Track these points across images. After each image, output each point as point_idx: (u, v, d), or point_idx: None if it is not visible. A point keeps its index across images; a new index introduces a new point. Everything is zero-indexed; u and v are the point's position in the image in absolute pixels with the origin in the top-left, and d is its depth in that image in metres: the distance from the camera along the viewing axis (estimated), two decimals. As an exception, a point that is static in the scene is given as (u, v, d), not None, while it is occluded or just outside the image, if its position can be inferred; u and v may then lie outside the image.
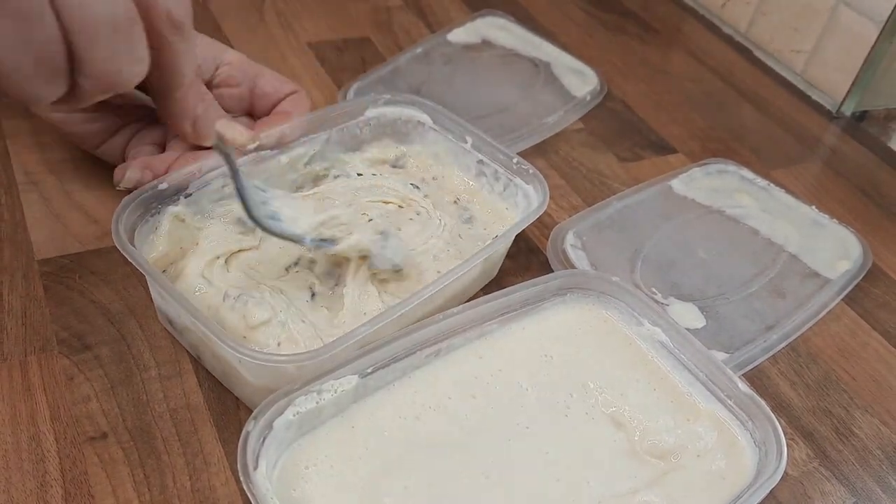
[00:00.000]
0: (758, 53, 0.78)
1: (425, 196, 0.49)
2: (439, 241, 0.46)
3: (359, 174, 0.50)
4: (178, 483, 0.37)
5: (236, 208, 0.44)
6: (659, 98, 0.70)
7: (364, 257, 0.42)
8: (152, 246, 0.42)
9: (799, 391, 0.47)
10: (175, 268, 0.42)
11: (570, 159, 0.61)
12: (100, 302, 0.44)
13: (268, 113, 0.51)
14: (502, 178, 0.49)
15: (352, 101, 0.52)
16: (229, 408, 0.40)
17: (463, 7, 0.77)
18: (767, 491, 0.34)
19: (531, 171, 0.47)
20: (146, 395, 0.40)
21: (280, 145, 0.47)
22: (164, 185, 0.43)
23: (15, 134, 0.53)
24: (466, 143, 0.50)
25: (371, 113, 0.51)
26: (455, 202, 0.50)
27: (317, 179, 0.50)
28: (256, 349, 0.36)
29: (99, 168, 0.51)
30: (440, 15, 0.75)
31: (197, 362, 0.42)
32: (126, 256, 0.38)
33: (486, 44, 0.71)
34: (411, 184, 0.50)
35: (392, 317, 0.37)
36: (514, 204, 0.49)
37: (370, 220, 0.46)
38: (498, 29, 0.73)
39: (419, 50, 0.68)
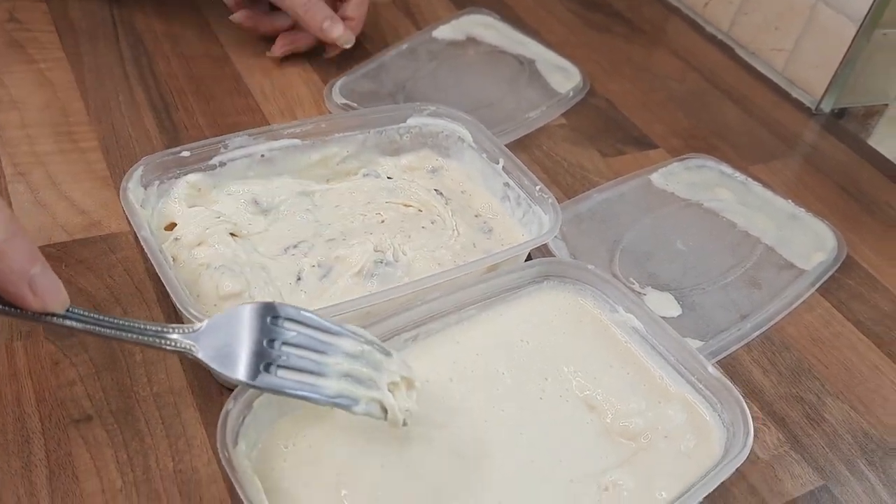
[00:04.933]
0: (740, 52, 0.80)
1: (446, 204, 0.49)
2: (448, 252, 0.46)
3: (388, 177, 0.51)
4: (161, 464, 0.38)
5: (252, 187, 0.46)
6: (642, 96, 0.71)
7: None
8: (161, 208, 0.44)
9: (771, 378, 0.48)
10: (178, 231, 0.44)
11: (552, 154, 0.62)
12: (86, 289, 0.45)
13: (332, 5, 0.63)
14: (523, 203, 0.49)
15: (395, 107, 0.53)
16: (212, 393, 0.41)
17: (450, 5, 0.78)
18: (733, 469, 0.35)
19: (550, 200, 0.47)
20: (130, 380, 0.41)
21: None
22: (186, 153, 0.44)
23: (3, 126, 0.54)
24: (498, 164, 0.50)
25: (413, 121, 0.52)
26: (476, 216, 0.50)
27: (346, 175, 0.51)
28: (196, 310, 0.37)
29: (86, 160, 0.52)
30: (427, 13, 0.76)
31: (181, 348, 0.43)
32: (126, 210, 0.40)
33: (471, 41, 0.72)
34: (435, 189, 0.50)
35: (361, 306, 0.38)
36: (530, 232, 0.48)
37: (382, 221, 0.47)
38: (483, 27, 0.74)
39: (405, 46, 0.69)
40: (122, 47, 0.63)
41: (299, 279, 0.43)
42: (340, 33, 0.62)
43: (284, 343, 0.33)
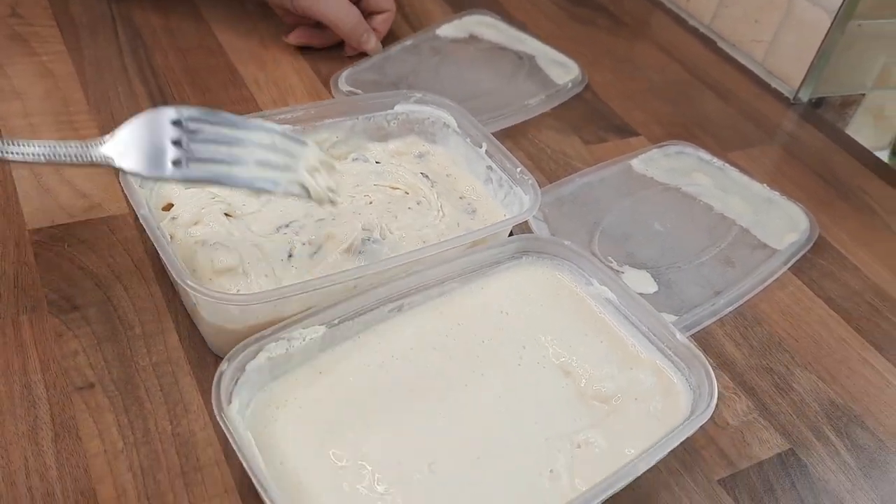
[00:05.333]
0: (721, 45, 0.82)
1: (432, 187, 0.51)
2: (433, 232, 0.48)
3: (377, 162, 0.53)
4: (159, 428, 0.40)
5: None
6: (624, 86, 0.74)
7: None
8: (158, 189, 0.46)
9: (743, 350, 0.50)
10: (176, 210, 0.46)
11: (536, 141, 0.64)
12: (87, 268, 0.47)
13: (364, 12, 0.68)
14: (505, 185, 0.51)
15: (382, 94, 0.55)
16: (209, 363, 0.43)
17: (446, 8, 0.80)
18: (698, 426, 0.37)
19: (530, 181, 0.49)
20: (130, 351, 0.43)
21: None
22: None
23: (6, 116, 0.56)
24: (481, 148, 0.52)
25: (400, 108, 0.54)
26: (461, 198, 0.52)
27: (336, 160, 0.53)
28: (198, 284, 0.39)
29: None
30: (423, 17, 0.78)
31: (178, 322, 0.45)
32: (125, 190, 0.43)
33: (473, 38, 0.75)
34: (422, 173, 0.52)
35: (350, 277, 0.41)
36: (511, 212, 0.50)
37: (370, 202, 0.49)
38: (485, 26, 0.76)
39: (409, 42, 0.72)
40: (120, 41, 0.66)
41: (290, 256, 0.45)
42: (374, 45, 0.68)
43: (195, 141, 0.35)
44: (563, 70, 0.72)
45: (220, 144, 0.36)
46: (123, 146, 0.36)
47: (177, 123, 0.36)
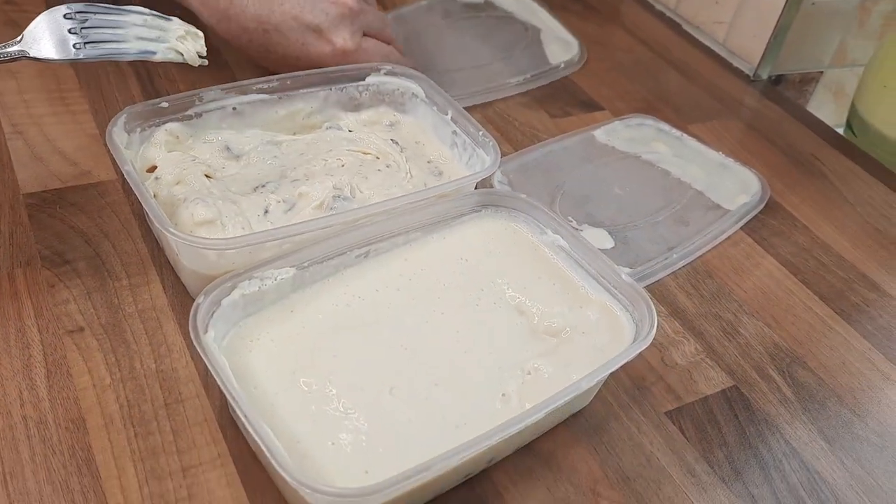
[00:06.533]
0: (686, 27, 0.85)
1: (401, 152, 0.55)
2: (401, 191, 0.51)
3: (350, 130, 0.57)
4: (144, 366, 0.43)
5: (225, 136, 0.53)
6: (592, 65, 0.77)
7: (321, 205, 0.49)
8: (142, 152, 0.50)
9: (694, 300, 0.54)
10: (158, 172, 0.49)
11: (505, 115, 0.68)
12: (78, 227, 0.50)
13: None
14: (469, 148, 0.54)
15: (354, 67, 0.58)
16: (190, 310, 0.46)
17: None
18: (637, 352, 0.40)
19: (491, 143, 0.52)
20: (118, 299, 0.46)
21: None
22: (164, 104, 0.50)
23: (2, 93, 0.59)
24: (447, 115, 0.56)
25: (371, 80, 0.58)
26: (429, 162, 0.56)
27: (311, 129, 0.57)
28: (178, 230, 0.43)
29: (77, 121, 0.58)
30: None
31: (162, 274, 0.48)
32: (111, 150, 0.46)
33: (488, 4, 0.78)
34: (392, 140, 0.56)
35: (320, 226, 0.44)
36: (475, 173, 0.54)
37: (342, 165, 0.52)
38: None
39: (424, 3, 0.75)
40: (109, 26, 0.69)
41: (266, 212, 0.48)
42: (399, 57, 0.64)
43: (86, 27, 0.45)
44: (562, 48, 0.75)
45: (105, 28, 0.46)
46: (33, 40, 0.44)
47: (68, 16, 0.45)
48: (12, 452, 0.38)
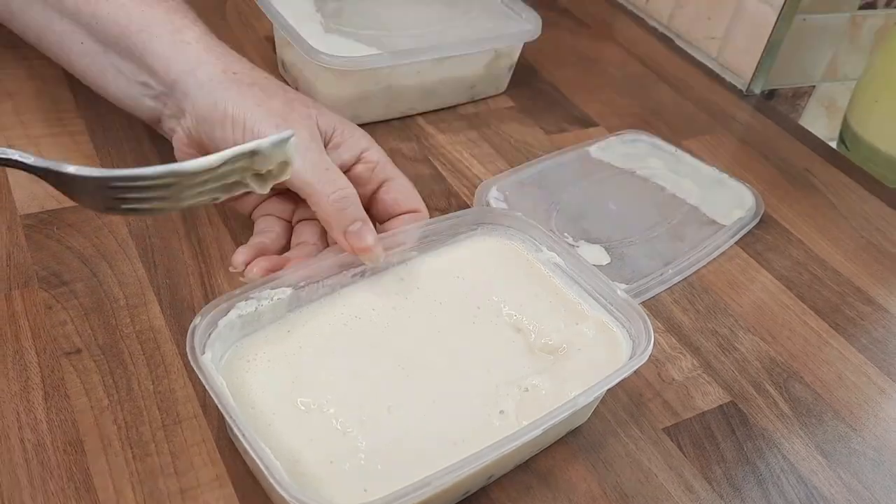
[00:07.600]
0: (679, 43, 0.86)
1: None
2: None
3: None
4: (142, 387, 0.43)
5: None
6: (585, 81, 0.78)
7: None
8: None
9: (690, 315, 0.54)
10: None
11: (500, 132, 0.68)
12: (75, 248, 0.50)
13: (381, 220, 0.49)
14: None
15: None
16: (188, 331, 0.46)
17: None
18: (634, 368, 0.40)
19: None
20: (115, 320, 0.46)
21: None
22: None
23: (-1, 114, 0.60)
24: None
25: None
26: None
27: None
28: None
29: (74, 142, 0.58)
30: None
31: (160, 295, 0.48)
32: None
33: None
34: None
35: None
36: None
37: None
38: None
39: None
40: (106, 46, 0.69)
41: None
42: (370, 244, 0.43)
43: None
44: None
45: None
46: None
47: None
48: (11, 476, 0.38)
